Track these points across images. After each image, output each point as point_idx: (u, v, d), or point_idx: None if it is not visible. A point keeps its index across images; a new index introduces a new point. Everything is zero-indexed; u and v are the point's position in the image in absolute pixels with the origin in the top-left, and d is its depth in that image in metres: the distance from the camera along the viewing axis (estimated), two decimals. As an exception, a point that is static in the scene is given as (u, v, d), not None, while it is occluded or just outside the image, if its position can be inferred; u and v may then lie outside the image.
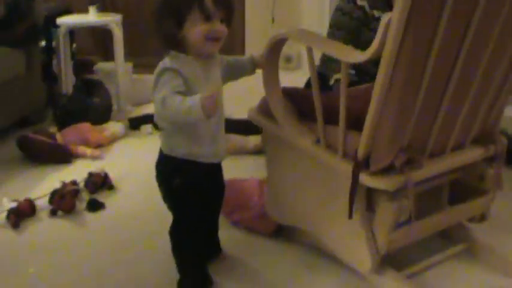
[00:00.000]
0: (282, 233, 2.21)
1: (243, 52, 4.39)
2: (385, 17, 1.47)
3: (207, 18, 1.68)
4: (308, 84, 2.59)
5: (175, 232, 1.90)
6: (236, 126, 3.09)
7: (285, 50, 1.96)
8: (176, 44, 1.73)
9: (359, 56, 1.60)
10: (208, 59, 1.78)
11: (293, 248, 2.15)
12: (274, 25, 4.74)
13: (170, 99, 1.62)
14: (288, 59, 4.83)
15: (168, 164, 1.83)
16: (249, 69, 1.95)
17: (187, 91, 1.67)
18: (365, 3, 2.45)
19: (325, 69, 2.56)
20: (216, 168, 1.93)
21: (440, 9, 1.49)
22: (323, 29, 4.69)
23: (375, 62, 1.55)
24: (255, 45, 1.77)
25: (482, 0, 1.54)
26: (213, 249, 2.07)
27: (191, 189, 1.82)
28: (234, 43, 1.56)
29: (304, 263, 2.06)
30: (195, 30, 1.68)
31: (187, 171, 1.81)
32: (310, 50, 1.74)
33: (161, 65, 1.72)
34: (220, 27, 1.71)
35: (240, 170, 1.93)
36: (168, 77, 1.67)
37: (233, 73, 1.93)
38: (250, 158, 2.96)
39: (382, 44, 1.49)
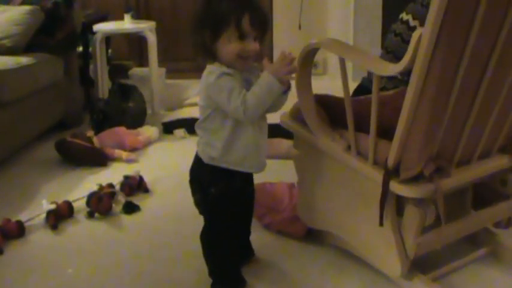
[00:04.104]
0: (312, 236, 2.23)
1: (271, 57, 4.44)
2: (416, 33, 1.51)
3: (242, 37, 1.69)
4: (356, 91, 2.61)
5: (208, 237, 1.92)
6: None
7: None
8: (210, 54, 1.74)
9: (390, 69, 1.63)
10: (246, 73, 1.77)
11: (323, 251, 2.17)
12: (301, 31, 4.79)
13: (248, 103, 1.66)
14: (315, 65, 4.86)
15: (206, 173, 1.83)
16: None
17: None
18: (417, 23, 2.42)
19: (367, 81, 2.56)
20: (251, 176, 1.94)
21: (469, 24, 1.52)
22: (348, 35, 4.76)
23: None
24: (282, 51, 1.79)
25: (511, 14, 1.57)
26: (245, 252, 2.10)
27: (228, 198, 1.84)
28: (262, 49, 1.60)
29: (333, 265, 2.08)
30: (229, 47, 1.69)
31: (226, 180, 1.82)
32: (342, 61, 1.77)
33: (214, 69, 1.71)
34: (252, 47, 1.71)
35: (269, 173, 1.95)
36: (227, 79, 1.69)
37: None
38: (278, 162, 2.98)
39: (414, 57, 1.52)
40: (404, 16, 2.52)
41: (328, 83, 3.05)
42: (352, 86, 2.71)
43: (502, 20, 1.58)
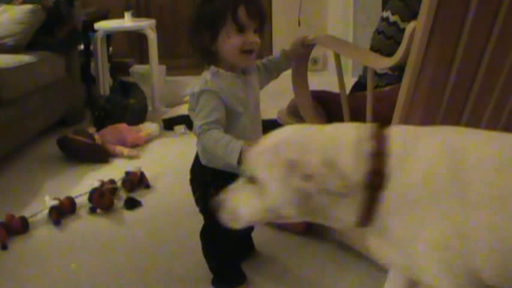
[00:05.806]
0: (312, 231, 2.24)
1: (270, 54, 4.47)
2: (410, 26, 1.52)
3: (241, 29, 1.66)
4: (354, 87, 2.63)
5: (208, 235, 1.91)
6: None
7: (312, 52, 1.98)
8: (211, 57, 1.73)
9: (385, 63, 1.65)
10: (246, 75, 1.77)
11: (322, 246, 2.18)
12: (301, 28, 4.81)
13: (207, 135, 1.64)
14: (315, 61, 4.89)
15: (204, 174, 1.81)
16: (284, 65, 1.94)
17: (227, 112, 1.68)
18: (397, 18, 2.40)
19: (364, 78, 2.57)
20: None
21: (464, 14, 1.53)
22: (348, 31, 4.77)
23: None
24: (282, 48, 1.83)
25: (504, 6, 1.58)
26: (246, 247, 2.11)
27: None
28: (262, 46, 1.60)
29: (333, 260, 2.09)
30: (229, 42, 1.68)
31: (224, 181, 1.75)
32: (337, 56, 1.79)
33: (201, 82, 1.70)
34: (253, 39, 1.69)
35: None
36: (205, 99, 1.66)
37: (270, 74, 1.92)
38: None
39: (407, 51, 1.53)
40: (384, 14, 2.53)
41: (327, 79, 3.06)
42: (353, 82, 2.74)
43: (497, 8, 1.58)
